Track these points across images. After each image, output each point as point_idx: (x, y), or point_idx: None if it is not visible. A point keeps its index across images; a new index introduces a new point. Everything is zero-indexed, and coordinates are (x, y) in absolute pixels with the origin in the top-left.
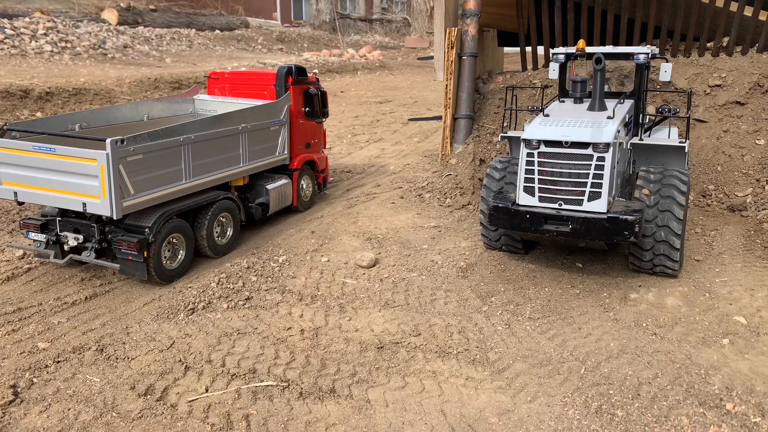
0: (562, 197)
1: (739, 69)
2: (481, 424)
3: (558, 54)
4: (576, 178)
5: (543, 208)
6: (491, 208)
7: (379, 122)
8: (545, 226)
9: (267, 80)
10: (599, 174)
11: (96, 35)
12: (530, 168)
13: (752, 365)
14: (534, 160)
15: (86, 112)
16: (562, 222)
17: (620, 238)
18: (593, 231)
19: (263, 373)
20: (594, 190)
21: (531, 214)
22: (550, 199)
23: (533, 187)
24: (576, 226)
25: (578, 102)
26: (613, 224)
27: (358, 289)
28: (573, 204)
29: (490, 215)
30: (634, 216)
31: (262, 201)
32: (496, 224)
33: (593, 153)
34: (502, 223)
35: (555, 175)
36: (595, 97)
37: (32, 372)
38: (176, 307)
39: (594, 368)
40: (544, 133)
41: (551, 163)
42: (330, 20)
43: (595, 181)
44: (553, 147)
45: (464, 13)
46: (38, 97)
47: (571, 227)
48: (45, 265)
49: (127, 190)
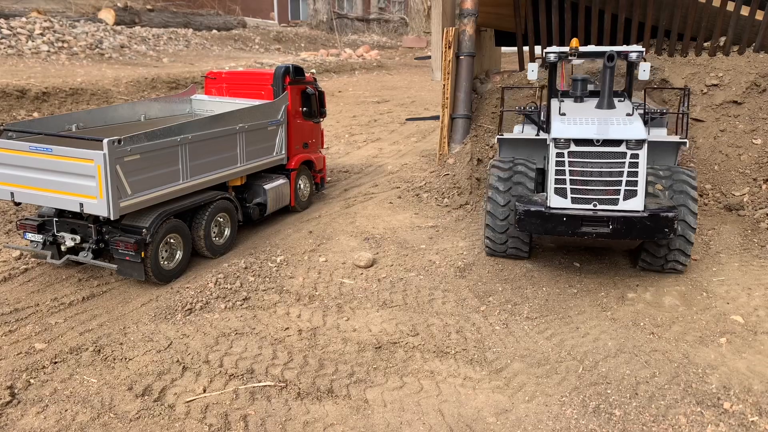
0: (596, 197)
1: (736, 68)
2: (479, 424)
3: (550, 53)
4: (610, 177)
5: (578, 210)
6: (521, 213)
7: (377, 122)
8: (583, 229)
9: (264, 80)
10: (634, 171)
11: (93, 35)
12: (561, 169)
13: (749, 364)
14: (564, 161)
15: (83, 113)
16: (601, 223)
17: (661, 236)
18: (634, 230)
19: (261, 373)
20: (629, 188)
21: (567, 216)
22: (584, 199)
23: (565, 188)
24: (616, 226)
25: (579, 101)
26: (654, 222)
27: (355, 289)
28: (608, 204)
29: (519, 221)
30: (674, 212)
31: (260, 201)
32: (527, 230)
33: (627, 150)
34: (534, 228)
35: (587, 174)
36: (604, 95)
37: (29, 373)
38: (174, 307)
39: (592, 368)
40: (574, 131)
41: (583, 163)
42: (327, 20)
43: (631, 179)
44: (583, 146)
45: (461, 12)
46: (35, 98)
47: (611, 228)
48: (42, 265)
49: (124, 191)
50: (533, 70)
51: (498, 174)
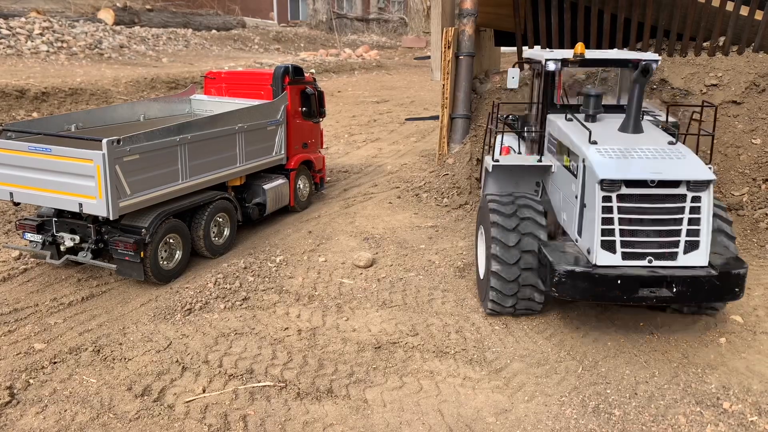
0: (651, 251)
1: (736, 68)
2: (478, 424)
3: (551, 60)
4: (667, 226)
5: (633, 269)
6: (563, 275)
7: (376, 122)
8: (640, 293)
9: (264, 80)
10: (696, 218)
11: (92, 35)
12: (608, 216)
13: (749, 364)
14: (613, 206)
15: (82, 113)
16: (661, 285)
17: (730, 297)
18: (701, 293)
19: (260, 373)
20: (691, 238)
21: (623, 279)
22: (637, 254)
23: (613, 240)
24: (681, 288)
25: (591, 120)
26: (725, 281)
27: (355, 289)
28: (666, 259)
29: (558, 284)
30: (745, 268)
31: (259, 201)
32: (569, 294)
33: (687, 192)
34: (579, 292)
35: (640, 223)
36: (631, 115)
37: (29, 373)
38: (173, 307)
39: (591, 367)
40: (626, 170)
41: (635, 209)
42: (327, 20)
43: (692, 228)
44: (636, 187)
45: (461, 12)
46: (34, 98)
47: (675, 291)
48: (41, 265)
49: (123, 191)
50: (514, 77)
51: (499, 210)
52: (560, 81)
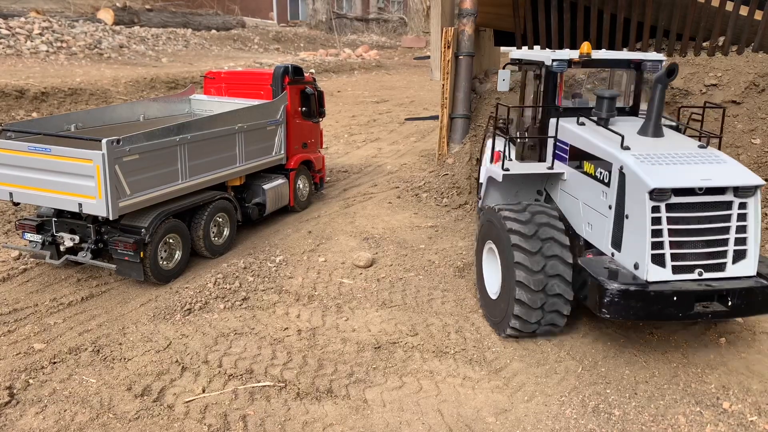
0: (700, 263)
1: (735, 68)
2: (478, 424)
3: (557, 60)
4: (715, 235)
5: (687, 283)
6: (616, 294)
7: (376, 122)
8: (696, 309)
9: (263, 80)
10: (743, 226)
11: (92, 35)
12: (658, 228)
13: (748, 364)
14: (661, 217)
15: (82, 113)
16: (715, 298)
17: None
18: (756, 305)
19: (260, 373)
20: (739, 247)
21: (679, 294)
22: (686, 267)
23: (663, 254)
24: (737, 301)
25: (603, 124)
26: None
27: (355, 289)
28: (714, 270)
29: (611, 305)
30: None
31: (259, 201)
32: (622, 315)
33: (734, 199)
34: (633, 313)
35: (687, 233)
36: (651, 118)
37: (28, 373)
38: (173, 307)
39: (591, 367)
40: (676, 177)
41: (684, 219)
42: (326, 20)
43: (740, 236)
44: (684, 196)
45: (461, 12)
46: (34, 98)
47: (731, 305)
48: (41, 265)
49: (123, 191)
50: (504, 80)
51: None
52: (561, 82)
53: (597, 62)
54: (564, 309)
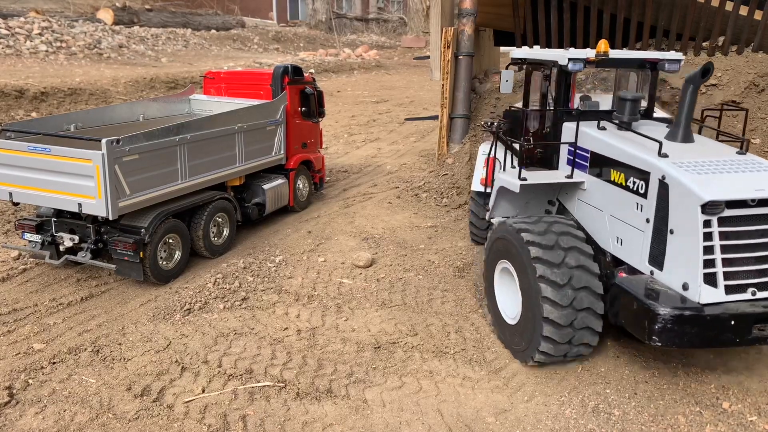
0: (753, 281)
1: (735, 68)
2: (478, 424)
3: (573, 59)
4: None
5: (743, 305)
6: (669, 320)
7: (376, 122)
8: (754, 334)
9: (263, 80)
10: None
11: (91, 35)
12: (709, 245)
13: (748, 364)
14: (713, 232)
15: (81, 113)
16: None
17: None
18: None
19: (260, 373)
20: None
21: (737, 318)
22: (739, 287)
23: (715, 272)
24: None
25: (625, 128)
26: None
27: (354, 289)
28: (766, 289)
29: (663, 331)
30: None
31: (259, 201)
32: (675, 343)
33: None
34: (687, 340)
35: (738, 250)
36: (681, 123)
37: (28, 373)
38: (172, 307)
39: (591, 367)
40: (728, 189)
41: (735, 233)
42: (326, 20)
43: None
44: (737, 208)
45: (461, 12)
46: (33, 97)
47: None
48: (40, 265)
49: (122, 191)
50: (508, 81)
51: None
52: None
53: (614, 61)
54: (595, 325)
